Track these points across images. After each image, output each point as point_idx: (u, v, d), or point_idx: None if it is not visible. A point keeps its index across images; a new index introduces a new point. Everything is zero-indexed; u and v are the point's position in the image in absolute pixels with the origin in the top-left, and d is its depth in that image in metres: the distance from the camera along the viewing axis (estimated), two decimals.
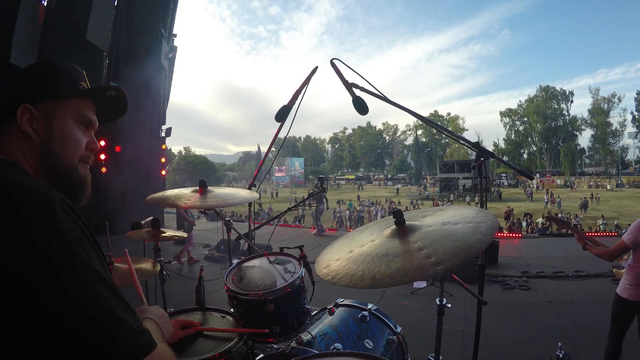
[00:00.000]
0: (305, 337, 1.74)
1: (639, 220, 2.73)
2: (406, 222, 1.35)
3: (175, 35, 13.34)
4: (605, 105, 61.25)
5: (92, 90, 0.92)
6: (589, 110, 63.29)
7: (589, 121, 63.57)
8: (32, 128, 0.83)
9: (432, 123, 1.88)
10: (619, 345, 2.86)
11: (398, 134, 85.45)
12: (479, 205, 1.74)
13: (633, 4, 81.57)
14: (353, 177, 75.92)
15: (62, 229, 0.65)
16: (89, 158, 0.93)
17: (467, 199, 35.00)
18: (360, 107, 1.59)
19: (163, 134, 12.67)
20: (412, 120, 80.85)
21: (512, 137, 70.42)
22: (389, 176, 71.30)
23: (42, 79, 0.87)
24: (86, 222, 0.72)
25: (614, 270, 3.40)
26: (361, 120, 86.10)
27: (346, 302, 2.10)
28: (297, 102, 1.87)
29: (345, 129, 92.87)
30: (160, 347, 0.70)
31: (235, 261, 1.89)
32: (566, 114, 66.20)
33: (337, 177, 75.14)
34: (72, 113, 0.88)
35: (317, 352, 1.54)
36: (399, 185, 58.58)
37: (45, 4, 8.04)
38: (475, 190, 32.19)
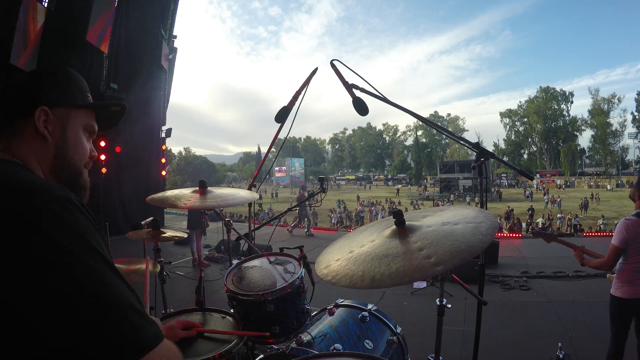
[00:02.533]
0: (305, 337, 1.74)
1: (621, 222, 2.77)
2: (406, 223, 1.35)
3: (175, 37, 13.35)
4: (605, 106, 61.25)
5: (102, 103, 1.00)
6: (589, 111, 63.33)
7: (589, 122, 63.58)
8: (47, 130, 0.87)
9: (432, 124, 1.88)
10: (621, 348, 2.83)
11: (398, 135, 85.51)
12: (479, 205, 1.74)
13: (634, 4, 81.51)
14: (353, 177, 75.95)
15: (76, 225, 0.68)
16: (90, 164, 0.99)
17: (467, 199, 35.01)
18: (360, 107, 1.59)
19: (163, 135, 12.67)
20: (412, 120, 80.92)
21: (512, 138, 70.41)
22: (389, 176, 71.30)
23: (61, 85, 0.91)
24: (95, 219, 0.75)
25: (607, 275, 3.41)
26: (361, 121, 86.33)
27: (346, 302, 2.10)
28: (297, 103, 1.88)
29: (345, 129, 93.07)
30: (166, 339, 0.73)
31: (235, 262, 1.89)
32: (566, 114, 66.22)
33: (337, 178, 75.17)
34: (82, 121, 0.94)
35: (317, 352, 1.54)
36: (399, 186, 58.57)
37: (45, 4, 8.03)
38: (476, 191, 32.18)
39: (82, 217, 0.70)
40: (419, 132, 77.81)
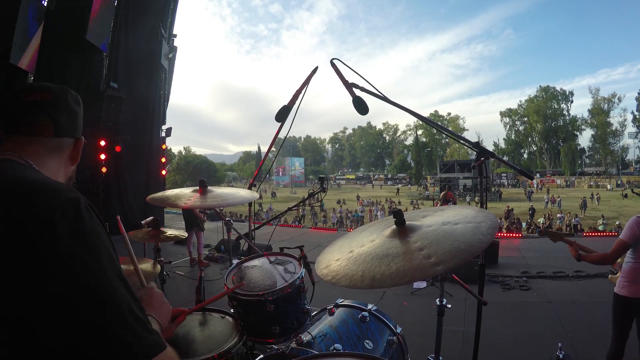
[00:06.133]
0: (305, 337, 1.74)
1: (633, 219, 2.74)
2: (406, 222, 1.34)
3: (175, 36, 13.32)
4: (606, 105, 61.23)
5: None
6: (589, 110, 63.29)
7: (589, 121, 63.55)
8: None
9: (432, 123, 1.88)
10: (622, 347, 2.83)
11: (398, 134, 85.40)
12: (479, 205, 1.74)
13: (636, 3, 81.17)
14: (353, 177, 75.98)
15: (87, 228, 0.69)
16: None
17: (468, 198, 35.00)
18: (360, 107, 1.59)
19: (163, 134, 12.66)
20: (412, 120, 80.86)
21: (512, 137, 70.41)
22: (389, 176, 71.31)
23: (81, 119, 1.02)
24: (104, 222, 0.76)
25: (609, 276, 3.40)
26: (361, 120, 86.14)
27: (346, 302, 2.10)
28: (297, 102, 1.88)
29: (345, 128, 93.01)
30: (168, 347, 0.73)
31: (235, 261, 1.89)
32: (566, 114, 66.19)
33: (337, 177, 75.22)
34: None
35: (317, 352, 1.54)
36: (399, 185, 58.59)
37: (45, 4, 8.02)
38: (476, 190, 32.17)
39: (93, 220, 0.71)
40: (419, 132, 77.73)
